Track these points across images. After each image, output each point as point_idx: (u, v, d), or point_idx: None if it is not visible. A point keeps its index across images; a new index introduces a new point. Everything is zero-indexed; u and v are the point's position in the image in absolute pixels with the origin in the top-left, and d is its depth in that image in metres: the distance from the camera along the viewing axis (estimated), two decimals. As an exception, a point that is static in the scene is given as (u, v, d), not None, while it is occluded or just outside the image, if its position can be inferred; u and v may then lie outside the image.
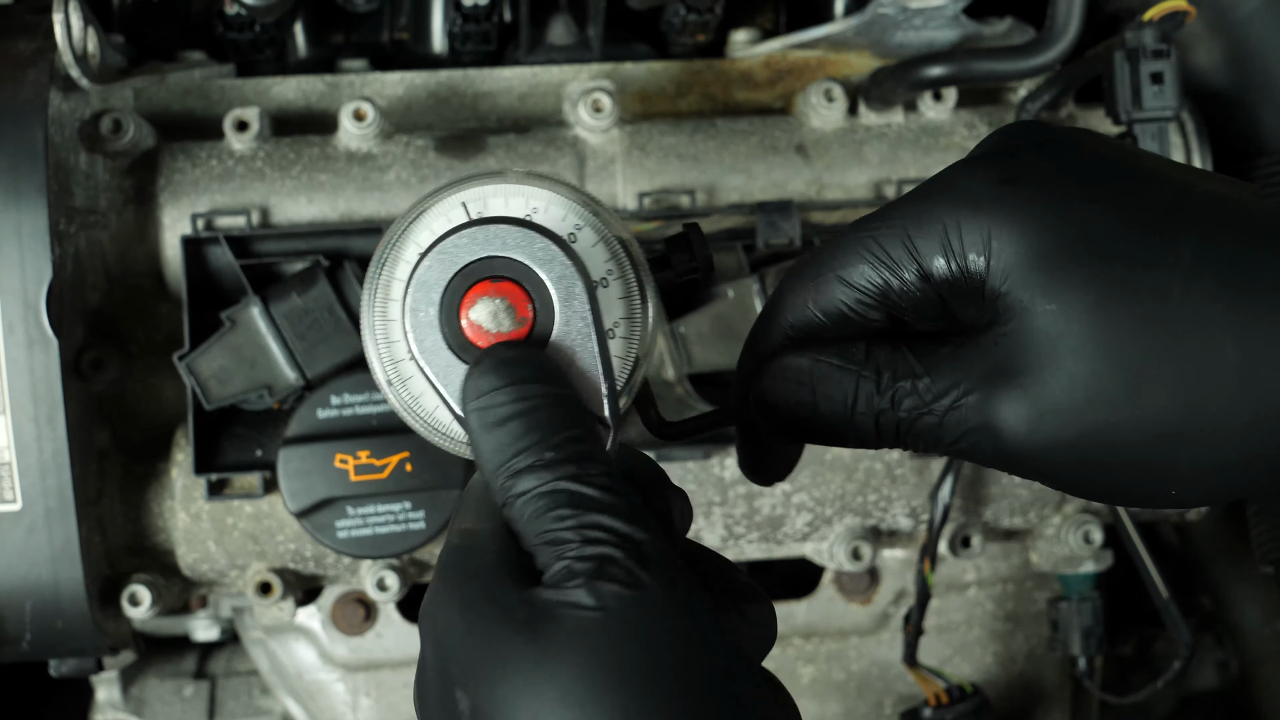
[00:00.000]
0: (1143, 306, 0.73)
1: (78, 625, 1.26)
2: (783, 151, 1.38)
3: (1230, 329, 0.72)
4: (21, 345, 1.21)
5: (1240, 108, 1.44)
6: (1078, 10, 1.32)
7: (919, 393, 0.77)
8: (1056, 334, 0.73)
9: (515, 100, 1.44)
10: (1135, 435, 0.73)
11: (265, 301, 1.28)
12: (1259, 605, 1.64)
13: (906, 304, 0.79)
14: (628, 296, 0.81)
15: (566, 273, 0.77)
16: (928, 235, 0.77)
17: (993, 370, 0.75)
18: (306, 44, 1.49)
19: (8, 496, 1.23)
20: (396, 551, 1.28)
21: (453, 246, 0.77)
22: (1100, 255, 0.74)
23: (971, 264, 0.76)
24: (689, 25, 1.45)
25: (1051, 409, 0.73)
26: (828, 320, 0.80)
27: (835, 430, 0.80)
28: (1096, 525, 1.41)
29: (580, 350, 0.78)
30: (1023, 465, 0.76)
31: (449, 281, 0.77)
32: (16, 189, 1.21)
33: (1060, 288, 0.73)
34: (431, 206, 0.81)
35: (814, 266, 0.81)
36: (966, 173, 0.78)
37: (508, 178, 0.81)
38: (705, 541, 1.38)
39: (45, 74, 1.24)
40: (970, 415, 0.76)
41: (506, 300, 0.77)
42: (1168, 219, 0.74)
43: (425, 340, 0.77)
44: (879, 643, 1.48)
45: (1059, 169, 0.77)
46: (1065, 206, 0.75)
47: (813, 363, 0.79)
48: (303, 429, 1.27)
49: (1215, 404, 0.72)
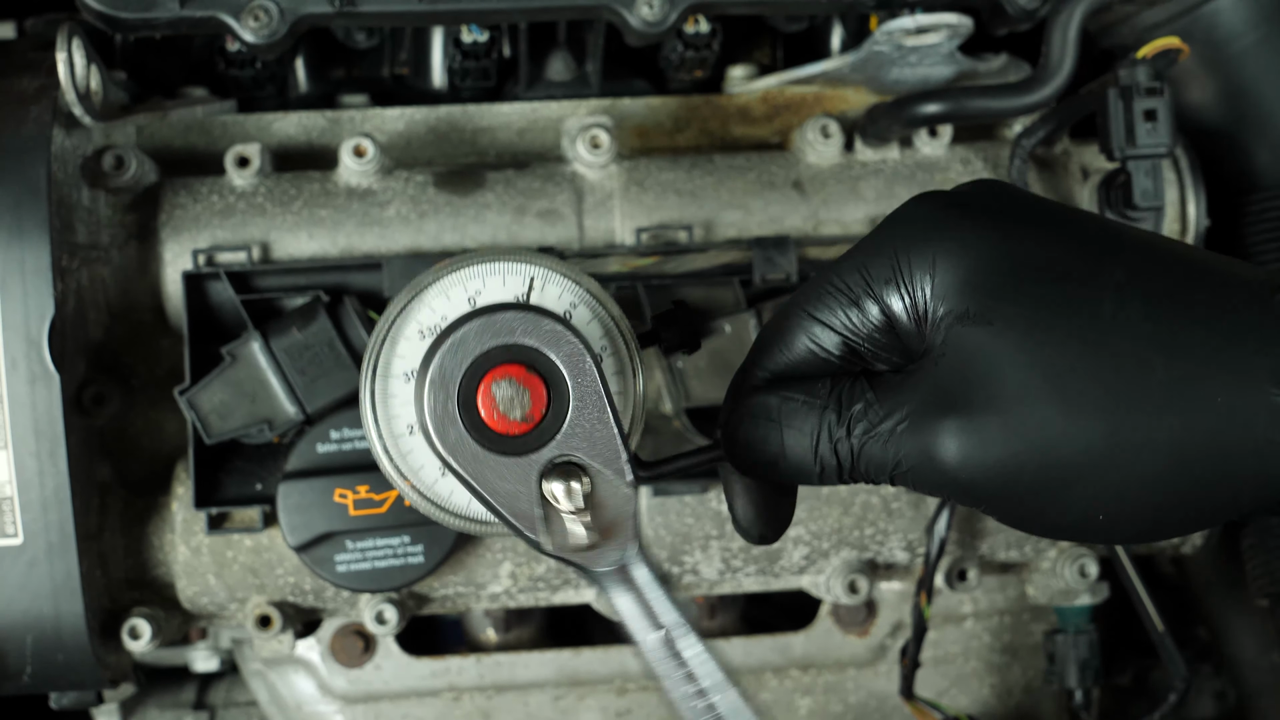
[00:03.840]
0: (1074, 323, 0.74)
1: (78, 658, 1.26)
2: (780, 187, 1.39)
3: (1160, 349, 0.73)
4: (24, 381, 1.22)
5: (1234, 144, 1.45)
6: (1072, 48, 1.33)
7: (868, 418, 0.79)
8: (991, 353, 0.75)
9: (514, 136, 1.45)
10: (1066, 453, 0.74)
11: (266, 336, 1.29)
12: (1255, 637, 1.64)
13: (867, 341, 0.81)
14: (620, 371, 0.85)
15: (574, 351, 0.80)
16: (880, 265, 0.80)
17: (931, 395, 0.77)
18: (307, 80, 1.50)
19: (9, 530, 1.23)
20: (395, 585, 1.29)
21: (462, 338, 0.80)
22: (1036, 276, 0.76)
23: (919, 292, 0.78)
24: (687, 61, 1.46)
25: (983, 429, 0.75)
26: (799, 359, 0.83)
27: (802, 466, 0.81)
28: (1092, 559, 1.42)
29: (596, 421, 0.81)
30: (961, 491, 0.77)
31: (463, 373, 0.79)
32: (19, 225, 1.22)
33: (996, 306, 0.75)
34: (431, 285, 0.83)
35: (788, 306, 0.84)
36: (917, 204, 0.81)
37: (504, 256, 0.84)
38: (702, 574, 1.39)
39: (48, 111, 1.25)
40: (908, 441, 0.77)
41: (522, 384, 0.79)
42: (1103, 247, 0.77)
43: (448, 433, 0.80)
44: (876, 675, 1.48)
45: (1004, 202, 0.80)
46: (1007, 232, 0.77)
47: (780, 400, 0.82)
48: (302, 463, 1.28)
49: (1144, 421, 0.73)
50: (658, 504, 1.36)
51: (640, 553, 0.81)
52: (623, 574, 0.81)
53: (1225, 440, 0.72)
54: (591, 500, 0.80)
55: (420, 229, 1.35)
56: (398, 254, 1.35)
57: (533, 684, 1.45)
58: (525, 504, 0.80)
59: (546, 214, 1.37)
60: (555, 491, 0.80)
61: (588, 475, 0.80)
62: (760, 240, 1.34)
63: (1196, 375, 0.73)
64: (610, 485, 0.81)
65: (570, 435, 0.80)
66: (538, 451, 0.80)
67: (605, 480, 0.81)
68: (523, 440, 0.80)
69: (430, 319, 0.83)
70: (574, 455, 0.80)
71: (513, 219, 1.37)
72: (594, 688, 1.45)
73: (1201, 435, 0.73)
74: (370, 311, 1.32)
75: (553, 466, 0.80)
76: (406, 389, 0.83)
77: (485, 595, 1.39)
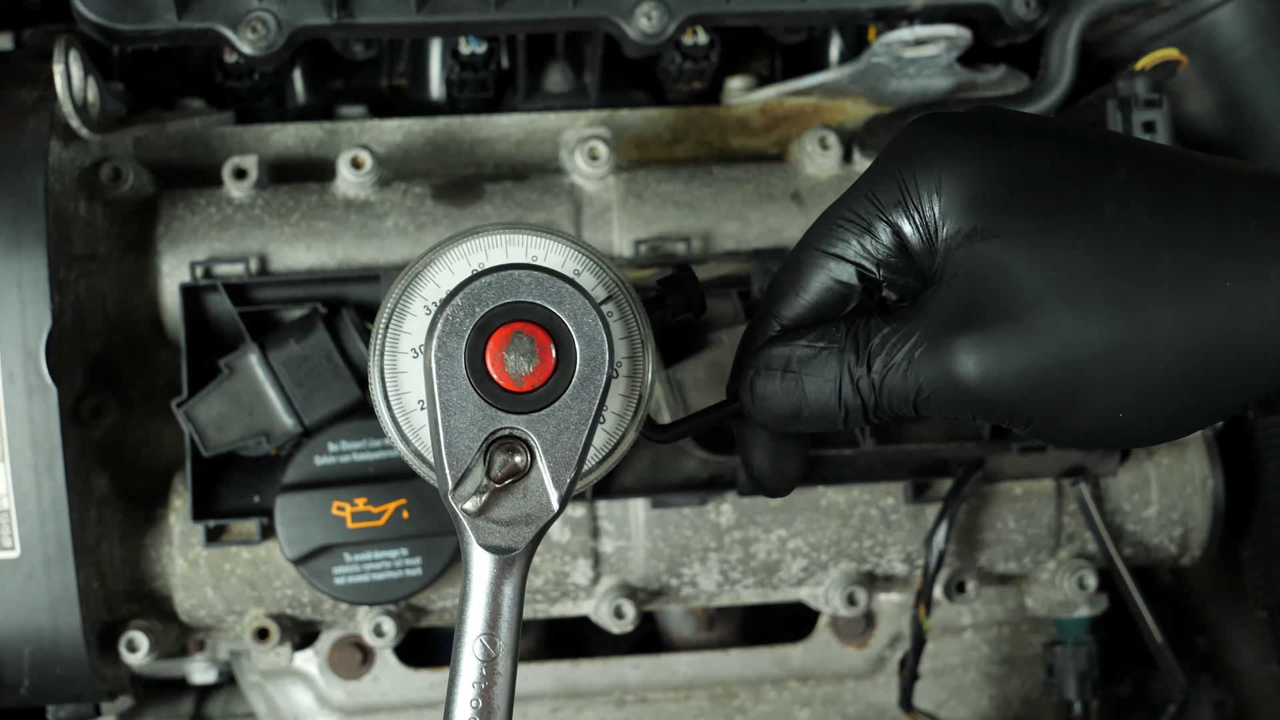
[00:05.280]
0: (1079, 227, 0.75)
1: (76, 671, 1.26)
2: (778, 199, 1.39)
3: (1166, 242, 0.74)
4: (21, 393, 1.22)
5: (1233, 155, 1.44)
6: (1070, 59, 1.33)
7: (886, 350, 0.79)
8: (1000, 266, 0.76)
9: (512, 147, 1.45)
10: (1082, 356, 0.74)
11: (263, 349, 1.29)
12: (1254, 647, 1.64)
13: (882, 266, 0.81)
14: (628, 337, 0.84)
15: (566, 294, 0.79)
16: (887, 188, 0.80)
17: (946, 314, 0.78)
18: (305, 91, 1.50)
19: (6, 543, 1.23)
20: (393, 598, 1.29)
21: (468, 297, 0.79)
22: (1038, 186, 0.77)
23: (927, 210, 0.79)
24: (685, 73, 1.46)
25: (999, 341, 0.75)
26: (814, 300, 0.83)
27: (825, 410, 0.82)
28: (1091, 570, 1.42)
29: (575, 428, 0.80)
30: (983, 407, 0.77)
31: (470, 331, 0.79)
32: (17, 237, 1.22)
33: (1002, 217, 0.76)
34: (435, 260, 0.83)
35: (796, 250, 0.84)
36: (917, 126, 0.81)
37: (505, 229, 0.83)
38: (701, 586, 1.39)
39: (46, 123, 1.25)
40: (927, 364, 0.78)
41: (532, 339, 0.79)
42: (1103, 153, 0.78)
43: (451, 391, 0.79)
44: (875, 686, 1.48)
45: (1002, 119, 0.81)
46: (1007, 145, 0.78)
47: (797, 348, 0.82)
48: (300, 476, 1.28)
49: (1156, 315, 0.74)
50: (656, 516, 1.36)
51: (524, 567, 0.81)
52: (499, 567, 0.81)
53: (1237, 324, 0.73)
54: (514, 486, 0.80)
55: (418, 241, 1.35)
56: (396, 266, 1.34)
57: (531, 696, 1.45)
58: (463, 446, 0.79)
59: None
60: (492, 455, 0.79)
61: (530, 465, 0.80)
62: (759, 252, 1.34)
63: (1203, 263, 0.73)
64: (539, 488, 0.80)
65: (546, 420, 0.79)
66: (509, 414, 0.79)
67: (538, 482, 0.80)
68: (505, 395, 0.79)
69: (435, 294, 0.83)
70: (533, 439, 0.80)
71: (511, 230, 1.36)
72: (592, 699, 1.45)
73: (1213, 322, 0.73)
74: (368, 323, 1.32)
75: (509, 434, 0.80)
76: (415, 365, 0.83)
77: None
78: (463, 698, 0.81)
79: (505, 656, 0.81)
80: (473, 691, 0.81)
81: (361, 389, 1.28)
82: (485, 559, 0.81)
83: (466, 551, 0.81)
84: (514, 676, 0.82)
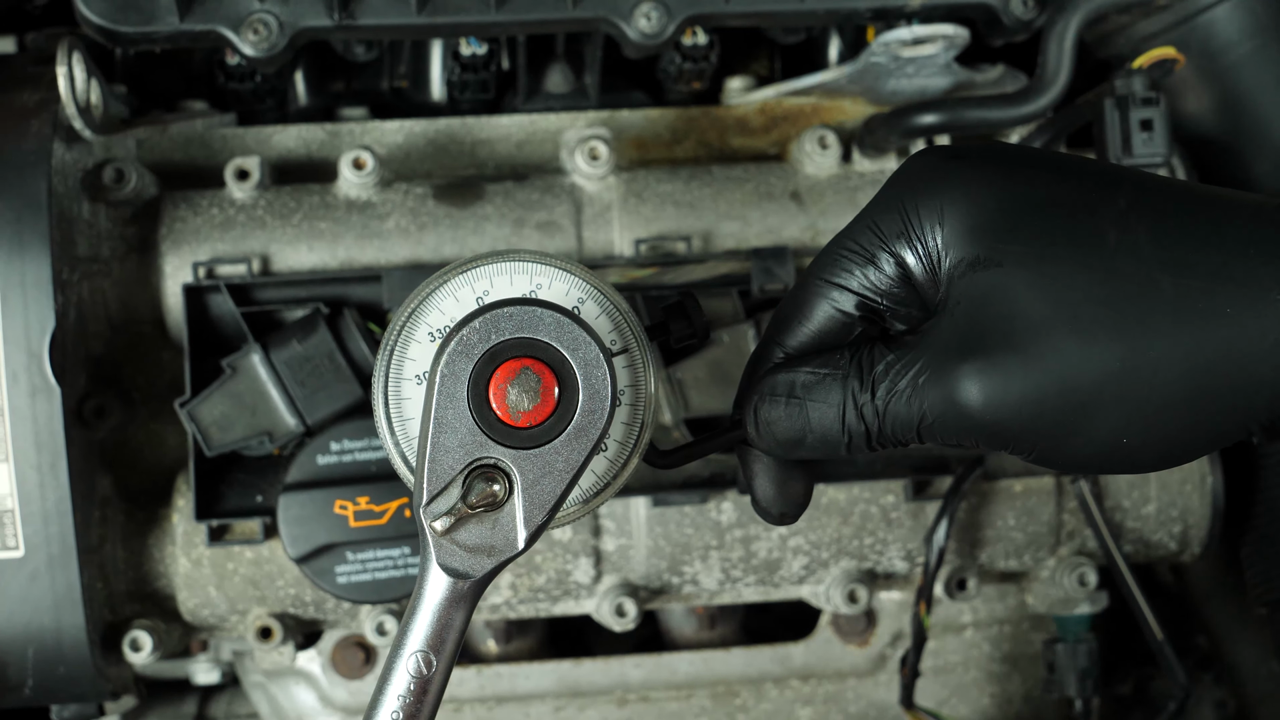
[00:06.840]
0: (1081, 253, 0.75)
1: (79, 671, 1.27)
2: (778, 198, 1.40)
3: (1166, 268, 0.75)
4: (25, 394, 1.23)
5: (1230, 153, 1.45)
6: (1068, 58, 1.34)
7: (890, 377, 0.80)
8: (1003, 293, 0.76)
9: (513, 148, 1.45)
10: (1085, 381, 0.75)
11: (266, 349, 1.29)
12: (1255, 645, 1.64)
13: (885, 297, 0.82)
14: (631, 365, 0.85)
15: (583, 342, 0.80)
16: (890, 220, 0.81)
17: (950, 341, 0.78)
18: (307, 93, 1.51)
19: (10, 543, 1.24)
20: (396, 596, 1.29)
21: (485, 323, 0.79)
22: (1039, 213, 0.77)
23: (930, 241, 0.79)
24: (685, 73, 1.47)
25: (1002, 368, 0.76)
26: (817, 329, 0.84)
27: (828, 437, 0.82)
28: (1091, 568, 1.42)
29: (559, 475, 0.80)
30: (987, 433, 0.78)
31: (481, 356, 0.79)
32: (20, 239, 1.23)
33: (1003, 247, 0.77)
34: (439, 288, 0.83)
35: (802, 279, 0.85)
36: (919, 159, 0.82)
37: (509, 257, 0.84)
38: (702, 584, 1.39)
39: (49, 125, 1.26)
40: (930, 391, 0.78)
41: (539, 378, 0.79)
42: (1103, 181, 0.78)
43: (448, 410, 0.80)
44: (876, 684, 1.48)
45: (1002, 150, 0.82)
46: (1008, 175, 0.79)
47: (801, 374, 0.83)
48: (303, 475, 1.28)
49: (1157, 340, 0.74)
50: (657, 514, 1.36)
51: (475, 594, 0.81)
52: (452, 589, 0.81)
53: (1237, 349, 0.74)
54: (485, 515, 0.80)
55: (420, 241, 1.36)
56: (397, 266, 1.35)
57: (533, 695, 1.45)
58: (446, 465, 0.80)
59: (545, 225, 1.37)
60: (472, 480, 0.80)
61: (507, 498, 0.80)
62: (758, 251, 1.35)
63: (1204, 290, 0.74)
64: (509, 523, 0.80)
65: (533, 460, 0.80)
66: (498, 445, 0.80)
67: (510, 516, 0.80)
68: (499, 426, 0.80)
69: (440, 321, 0.83)
70: (516, 475, 0.80)
71: (511, 231, 1.37)
72: (594, 698, 1.46)
73: (1214, 347, 0.74)
74: (370, 323, 1.32)
75: (494, 464, 0.80)
76: (418, 392, 0.83)
77: (485, 606, 1.39)
78: (386, 708, 0.81)
79: (438, 677, 0.82)
80: (397, 704, 0.81)
81: (363, 389, 1.29)
82: (441, 579, 0.81)
83: (424, 566, 0.82)
84: (439, 698, 0.82)
